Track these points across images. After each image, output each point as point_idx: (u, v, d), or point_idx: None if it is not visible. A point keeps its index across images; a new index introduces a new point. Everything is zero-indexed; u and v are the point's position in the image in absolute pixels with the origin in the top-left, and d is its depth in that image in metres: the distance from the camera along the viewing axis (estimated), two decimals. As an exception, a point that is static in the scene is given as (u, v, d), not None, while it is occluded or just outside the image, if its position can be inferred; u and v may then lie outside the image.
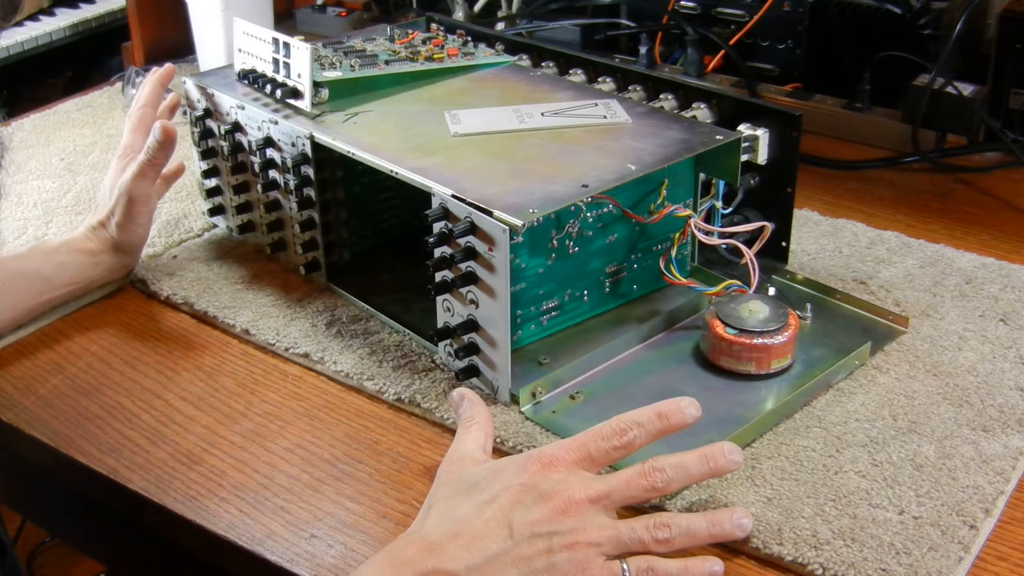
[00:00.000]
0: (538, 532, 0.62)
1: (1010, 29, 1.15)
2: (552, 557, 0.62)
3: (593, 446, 0.67)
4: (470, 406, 0.75)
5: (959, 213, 1.08)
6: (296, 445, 0.79)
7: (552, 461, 0.66)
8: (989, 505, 0.70)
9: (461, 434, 0.73)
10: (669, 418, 0.68)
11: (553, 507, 0.63)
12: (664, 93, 0.97)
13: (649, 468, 0.66)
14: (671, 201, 0.88)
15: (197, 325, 0.94)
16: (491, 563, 0.62)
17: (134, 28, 1.50)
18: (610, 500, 0.65)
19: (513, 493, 0.64)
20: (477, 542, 0.62)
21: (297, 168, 0.92)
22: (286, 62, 0.95)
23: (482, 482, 0.66)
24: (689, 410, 0.69)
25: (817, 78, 1.31)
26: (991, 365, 0.83)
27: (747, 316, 0.82)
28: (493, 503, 0.64)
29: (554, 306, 0.86)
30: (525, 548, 0.62)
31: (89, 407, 0.84)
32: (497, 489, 0.65)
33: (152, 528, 0.79)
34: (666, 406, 0.69)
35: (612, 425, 0.68)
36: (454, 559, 0.62)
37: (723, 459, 0.67)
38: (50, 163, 1.23)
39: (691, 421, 0.69)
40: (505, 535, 0.62)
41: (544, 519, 0.63)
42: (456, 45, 1.06)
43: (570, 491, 0.64)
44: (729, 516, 0.66)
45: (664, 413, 0.68)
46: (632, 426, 0.67)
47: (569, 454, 0.67)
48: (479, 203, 0.76)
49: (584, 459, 0.67)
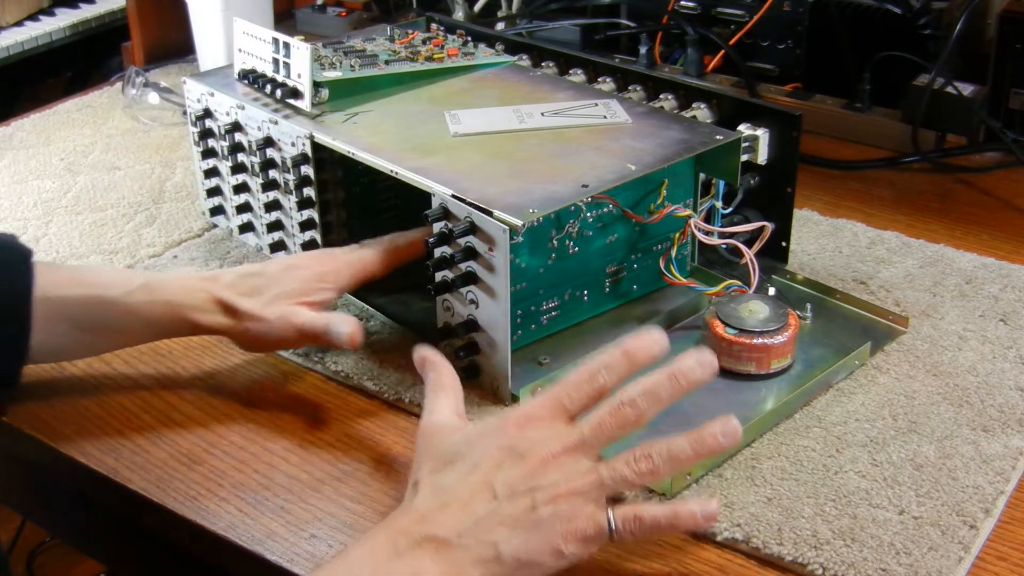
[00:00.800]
0: (519, 490, 0.62)
1: (1010, 29, 1.15)
2: (537, 512, 0.62)
3: (566, 398, 0.66)
4: (434, 369, 0.73)
5: (959, 213, 1.08)
6: (296, 445, 0.79)
7: (527, 419, 0.65)
8: (989, 505, 0.70)
9: (431, 400, 0.72)
10: (636, 354, 0.66)
11: (532, 463, 0.63)
12: (664, 93, 0.97)
13: (618, 404, 0.64)
14: (671, 201, 0.88)
15: (197, 325, 0.94)
16: (480, 525, 0.62)
17: (134, 28, 1.50)
18: (587, 445, 0.64)
19: (493, 457, 0.64)
20: (464, 508, 0.63)
21: (297, 168, 0.92)
22: (286, 62, 0.95)
23: (462, 450, 0.66)
24: (658, 342, 0.66)
25: (817, 78, 1.31)
26: (991, 365, 0.83)
27: (747, 316, 0.82)
28: (476, 469, 0.64)
29: (554, 306, 0.86)
30: (509, 507, 0.62)
31: (89, 407, 0.84)
32: (478, 455, 0.65)
33: (152, 528, 0.79)
34: (632, 342, 0.66)
35: (580, 373, 0.66)
36: (445, 526, 0.62)
37: (693, 374, 0.65)
38: (50, 163, 1.23)
39: (660, 353, 0.66)
40: (489, 497, 0.63)
41: (524, 476, 0.63)
42: (456, 45, 1.06)
43: (546, 445, 0.64)
44: (712, 430, 0.64)
45: (630, 350, 0.66)
46: (600, 368, 0.66)
47: (543, 410, 0.66)
48: (479, 203, 0.76)
49: (558, 410, 0.66)
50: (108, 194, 1.15)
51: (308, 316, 0.81)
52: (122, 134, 1.31)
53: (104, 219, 1.10)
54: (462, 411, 0.72)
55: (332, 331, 0.79)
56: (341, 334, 0.79)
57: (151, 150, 1.26)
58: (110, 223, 1.09)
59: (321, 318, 0.81)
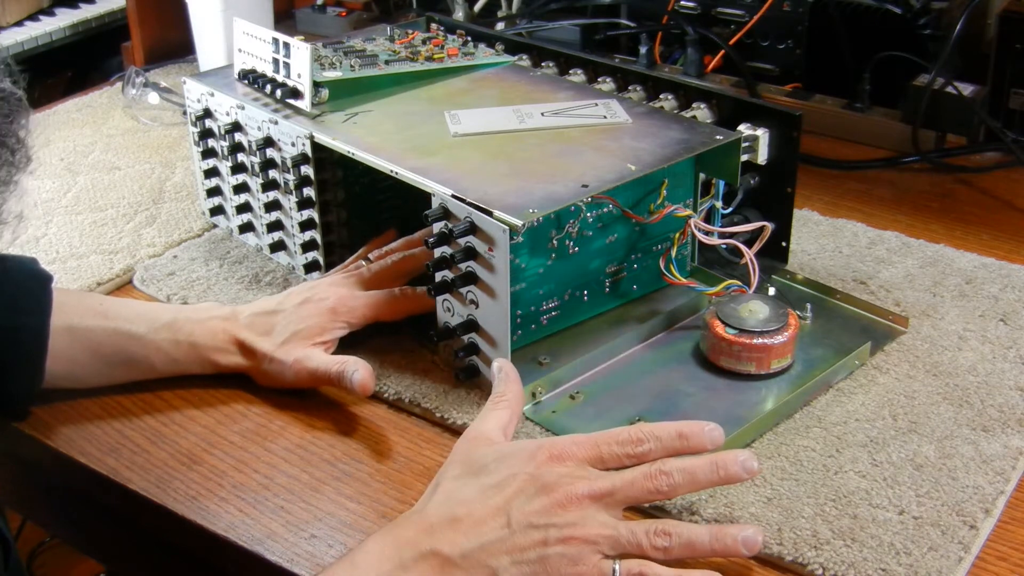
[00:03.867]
0: (535, 523, 0.63)
1: (1010, 29, 1.15)
2: (546, 549, 0.62)
3: (606, 448, 0.67)
4: (504, 382, 0.74)
5: (959, 213, 1.08)
6: (296, 445, 0.79)
7: (561, 455, 0.66)
8: (989, 505, 0.70)
9: (487, 410, 0.73)
10: (689, 440, 0.67)
11: (554, 500, 0.63)
12: (664, 93, 0.97)
13: (656, 471, 0.65)
14: (671, 201, 0.87)
15: (197, 325, 0.94)
16: (485, 549, 0.62)
17: (134, 28, 1.50)
18: (613, 499, 0.65)
19: (518, 482, 0.64)
20: (475, 528, 0.63)
21: (297, 168, 0.92)
22: (286, 62, 0.95)
23: (490, 465, 0.66)
24: (712, 434, 0.67)
25: (817, 78, 1.31)
26: (991, 365, 0.83)
27: (747, 316, 0.82)
28: (496, 490, 0.64)
29: (554, 306, 0.86)
30: (520, 538, 0.62)
31: (89, 407, 0.84)
32: (503, 475, 0.65)
33: (152, 528, 0.79)
34: (689, 427, 0.67)
35: (631, 432, 0.67)
36: (451, 543, 0.62)
37: (735, 467, 0.66)
38: (50, 163, 1.23)
39: (711, 447, 0.67)
40: (503, 523, 0.63)
41: (543, 511, 0.63)
42: (456, 45, 1.06)
43: (573, 486, 0.64)
44: (735, 532, 0.64)
45: (686, 434, 0.67)
46: (650, 438, 0.67)
47: (580, 450, 0.66)
48: (479, 203, 0.76)
49: (594, 458, 0.66)
50: (108, 194, 1.15)
51: (322, 361, 0.81)
52: (122, 134, 1.31)
53: (104, 219, 1.10)
54: (511, 431, 0.72)
55: (346, 379, 0.80)
56: (354, 382, 0.79)
57: (151, 150, 1.26)
58: (110, 223, 1.09)
59: (336, 364, 0.81)
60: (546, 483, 0.64)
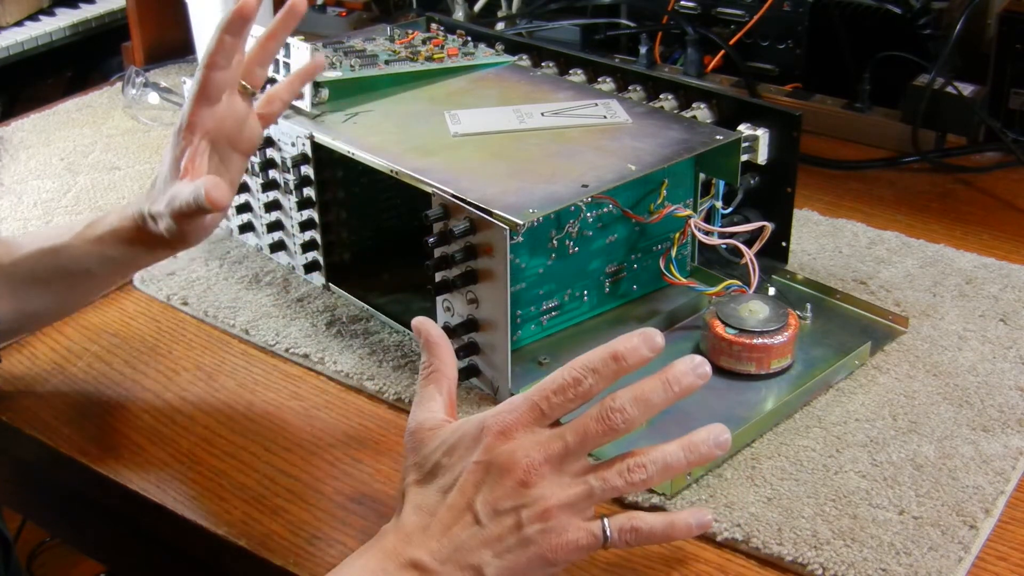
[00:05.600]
0: (502, 509, 0.60)
1: (1010, 29, 1.15)
2: (523, 531, 0.60)
3: (545, 403, 0.62)
4: (430, 351, 0.69)
5: (959, 213, 1.08)
6: (296, 445, 0.79)
7: (505, 428, 0.62)
8: (989, 505, 0.70)
9: (421, 391, 0.68)
10: (628, 358, 0.61)
11: (514, 480, 0.60)
12: (664, 93, 0.97)
13: (607, 411, 0.60)
14: (671, 201, 0.87)
15: (197, 325, 0.94)
16: (461, 550, 0.60)
17: (134, 28, 1.50)
18: (571, 455, 0.61)
19: (472, 475, 0.61)
20: (445, 532, 0.61)
21: (297, 168, 0.92)
22: (286, 62, 0.95)
23: (441, 461, 0.63)
24: (650, 343, 0.61)
25: (817, 78, 1.31)
26: (991, 365, 0.83)
27: (747, 316, 0.82)
28: (455, 491, 0.62)
29: (554, 306, 0.86)
30: (493, 528, 0.60)
31: (89, 407, 0.84)
32: (456, 472, 0.62)
33: (152, 528, 0.79)
34: (622, 344, 0.61)
35: (564, 375, 0.62)
36: (427, 550, 0.61)
37: (688, 378, 0.61)
38: (50, 163, 1.23)
39: (652, 355, 0.61)
40: (470, 520, 0.61)
41: (506, 495, 0.60)
42: (456, 45, 1.06)
43: (527, 456, 0.60)
44: (704, 436, 0.61)
45: (621, 354, 0.61)
46: (586, 373, 0.61)
47: (522, 416, 0.62)
48: (479, 203, 0.76)
49: (538, 418, 0.62)
50: (108, 194, 1.15)
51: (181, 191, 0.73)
52: (122, 134, 1.31)
53: (104, 219, 1.10)
54: (453, 402, 0.68)
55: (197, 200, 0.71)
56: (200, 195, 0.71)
57: (151, 150, 1.26)
58: (110, 223, 1.09)
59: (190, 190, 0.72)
60: (499, 465, 0.61)
